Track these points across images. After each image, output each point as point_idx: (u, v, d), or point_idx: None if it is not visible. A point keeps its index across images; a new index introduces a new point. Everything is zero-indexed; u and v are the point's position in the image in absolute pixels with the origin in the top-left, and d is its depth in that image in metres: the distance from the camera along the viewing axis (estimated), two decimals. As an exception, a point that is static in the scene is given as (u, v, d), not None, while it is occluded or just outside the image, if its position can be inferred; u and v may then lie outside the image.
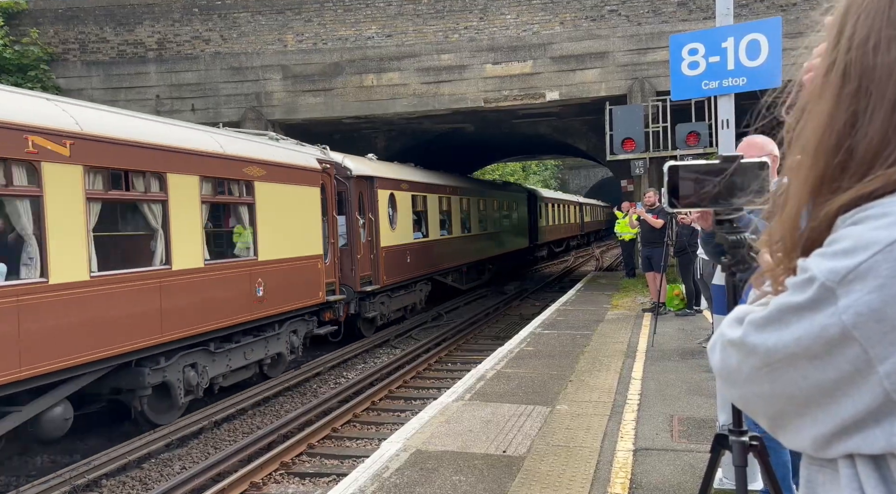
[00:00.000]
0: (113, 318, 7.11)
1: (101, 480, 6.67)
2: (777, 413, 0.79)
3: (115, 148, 7.31)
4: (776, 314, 0.76)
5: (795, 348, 0.73)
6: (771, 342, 0.75)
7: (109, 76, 17.22)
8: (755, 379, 0.78)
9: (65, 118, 6.83)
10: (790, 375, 0.74)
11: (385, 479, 4.79)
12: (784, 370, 0.75)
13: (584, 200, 47.51)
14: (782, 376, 0.75)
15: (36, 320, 6.27)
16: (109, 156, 7.25)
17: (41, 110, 6.67)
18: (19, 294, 6.16)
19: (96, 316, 6.93)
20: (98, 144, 7.08)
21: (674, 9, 16.28)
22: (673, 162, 2.10)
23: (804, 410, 0.75)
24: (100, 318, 6.96)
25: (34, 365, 6.22)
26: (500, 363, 8.56)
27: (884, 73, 0.73)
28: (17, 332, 6.07)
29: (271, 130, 16.75)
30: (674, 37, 4.48)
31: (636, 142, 14.45)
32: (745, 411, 0.87)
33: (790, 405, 0.76)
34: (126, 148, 7.46)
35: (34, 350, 6.22)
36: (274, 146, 11.16)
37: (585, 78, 16.58)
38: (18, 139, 6.19)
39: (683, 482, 4.51)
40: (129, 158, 7.51)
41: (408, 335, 14.37)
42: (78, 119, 6.98)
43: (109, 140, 7.24)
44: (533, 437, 5.57)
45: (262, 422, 8.60)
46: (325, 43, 17.10)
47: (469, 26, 16.80)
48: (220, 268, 9.01)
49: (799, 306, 0.73)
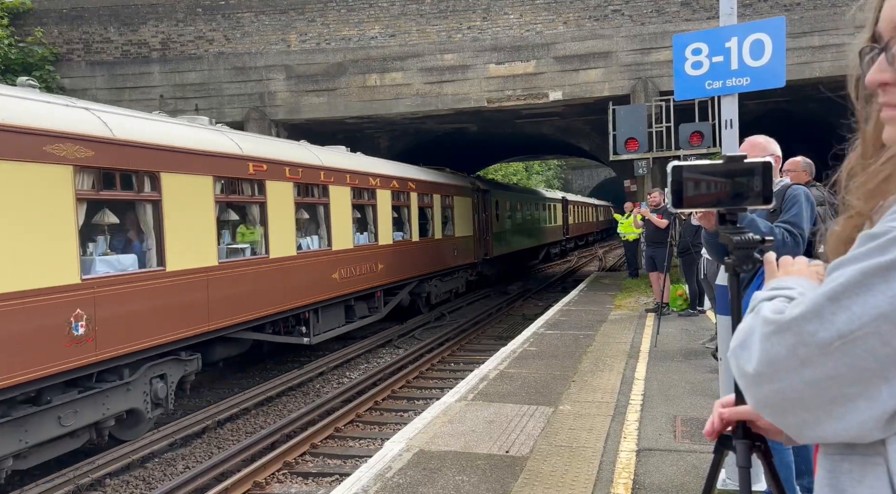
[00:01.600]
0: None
1: (105, 479, 6.69)
2: (824, 402, 0.77)
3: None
4: (858, 278, 0.73)
5: (888, 308, 0.71)
6: (855, 309, 0.73)
7: (113, 76, 17.25)
8: (817, 360, 0.76)
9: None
10: (869, 343, 0.72)
11: (388, 479, 4.79)
12: (863, 340, 0.72)
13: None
14: (858, 347, 0.73)
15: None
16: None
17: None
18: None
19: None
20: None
21: (677, 8, 16.25)
22: (677, 162, 2.10)
23: (865, 388, 0.73)
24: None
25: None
26: (503, 363, 8.56)
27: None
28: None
29: (274, 130, 16.80)
30: (677, 37, 4.47)
31: (639, 143, 14.42)
32: (774, 411, 0.83)
33: (851, 384, 0.74)
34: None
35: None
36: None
37: (589, 78, 16.55)
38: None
39: (686, 482, 4.50)
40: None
41: (410, 335, 14.37)
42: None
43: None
44: (536, 437, 5.57)
45: (266, 422, 8.61)
46: (329, 43, 17.11)
47: (472, 26, 16.79)
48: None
49: (888, 266, 0.72)
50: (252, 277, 9.44)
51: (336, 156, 12.57)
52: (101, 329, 6.70)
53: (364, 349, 12.64)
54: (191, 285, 8.13)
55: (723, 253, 2.00)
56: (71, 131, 6.60)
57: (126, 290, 7.12)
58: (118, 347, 6.93)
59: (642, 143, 14.44)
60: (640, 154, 14.72)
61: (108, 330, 6.79)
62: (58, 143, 6.41)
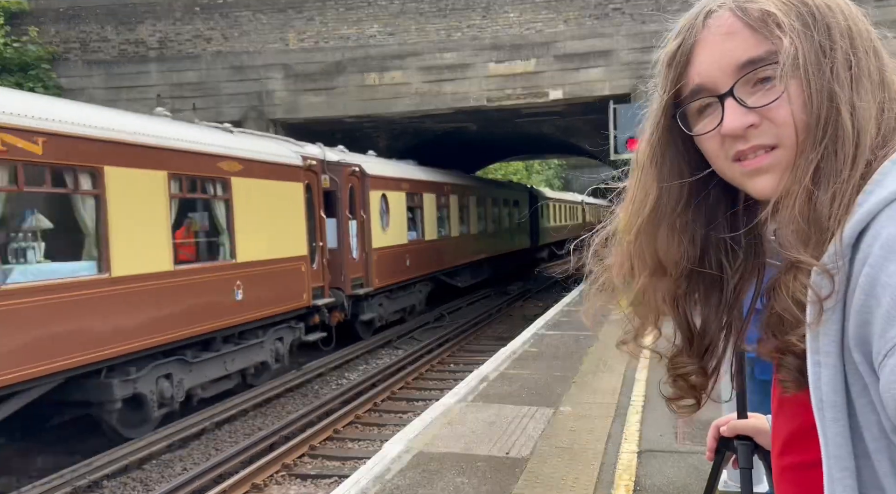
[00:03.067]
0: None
1: (103, 481, 6.65)
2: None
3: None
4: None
5: None
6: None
7: (111, 75, 17.19)
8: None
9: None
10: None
11: (387, 481, 4.75)
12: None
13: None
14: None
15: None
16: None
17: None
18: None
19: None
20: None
21: (678, 7, 16.12)
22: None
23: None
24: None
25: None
26: (504, 364, 8.51)
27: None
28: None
29: (273, 129, 16.75)
30: (679, 34, 4.41)
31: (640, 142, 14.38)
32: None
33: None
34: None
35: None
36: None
37: (589, 76, 16.50)
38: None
39: (688, 484, 4.46)
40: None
41: (410, 336, 14.33)
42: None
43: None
44: (536, 439, 5.52)
45: (264, 423, 8.57)
46: (327, 41, 17.05)
47: (472, 25, 16.73)
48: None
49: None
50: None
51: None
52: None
53: (363, 350, 12.60)
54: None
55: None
56: None
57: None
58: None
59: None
60: (641, 153, 14.68)
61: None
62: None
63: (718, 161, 0.85)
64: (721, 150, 0.84)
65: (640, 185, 0.92)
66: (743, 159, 0.82)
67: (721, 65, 0.81)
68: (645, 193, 0.91)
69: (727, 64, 0.81)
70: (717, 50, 0.82)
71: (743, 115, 0.80)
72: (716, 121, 0.82)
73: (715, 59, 0.82)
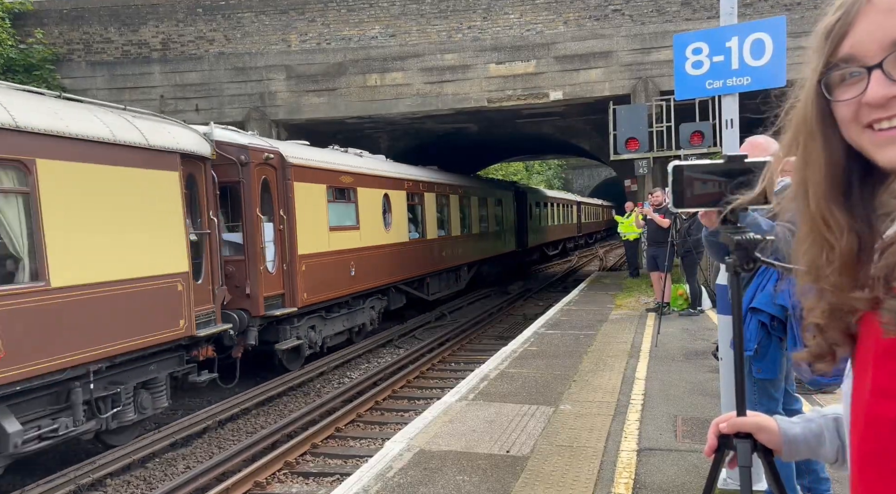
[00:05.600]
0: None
1: (106, 479, 6.69)
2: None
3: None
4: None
5: None
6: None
7: (114, 76, 17.26)
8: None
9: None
10: None
11: (389, 479, 4.79)
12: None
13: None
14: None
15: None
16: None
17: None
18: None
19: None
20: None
21: (678, 8, 16.25)
22: (677, 162, 2.10)
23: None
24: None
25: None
26: (504, 363, 8.56)
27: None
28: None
29: (275, 130, 16.80)
30: (677, 36, 4.47)
31: (640, 142, 14.42)
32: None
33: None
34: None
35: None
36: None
37: (589, 77, 16.55)
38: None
39: (687, 482, 4.51)
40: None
41: (411, 335, 14.38)
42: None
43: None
44: (536, 437, 5.57)
45: (266, 422, 8.61)
46: (329, 43, 17.11)
47: (473, 26, 16.79)
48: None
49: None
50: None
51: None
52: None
53: (365, 349, 12.65)
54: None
55: (723, 253, 2.00)
56: None
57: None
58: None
59: (643, 143, 14.44)
60: (641, 154, 14.72)
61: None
62: None
63: (851, 128, 0.91)
64: (855, 118, 0.90)
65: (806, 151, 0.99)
66: (878, 129, 0.88)
67: (877, 37, 0.86)
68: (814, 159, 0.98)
69: (883, 37, 0.86)
70: (876, 23, 0.87)
71: (888, 86, 0.86)
72: (857, 90, 0.88)
73: (872, 30, 0.87)
